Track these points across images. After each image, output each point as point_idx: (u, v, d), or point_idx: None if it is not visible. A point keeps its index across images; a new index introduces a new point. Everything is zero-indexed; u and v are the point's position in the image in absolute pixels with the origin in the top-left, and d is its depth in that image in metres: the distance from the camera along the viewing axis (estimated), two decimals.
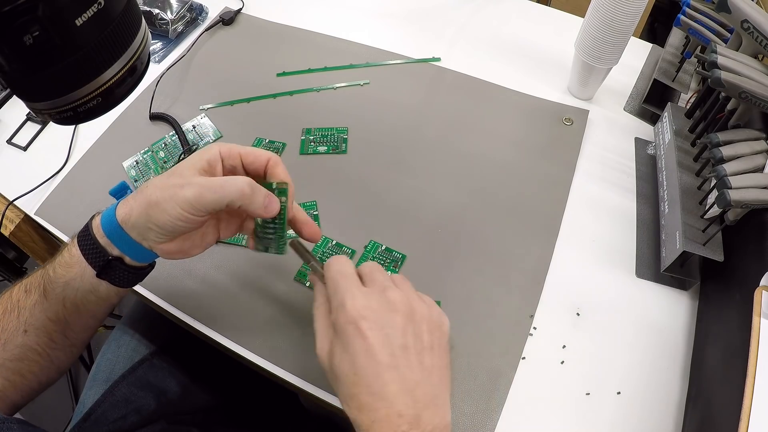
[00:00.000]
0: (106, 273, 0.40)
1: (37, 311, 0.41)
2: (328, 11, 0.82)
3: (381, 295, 0.36)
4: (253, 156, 0.41)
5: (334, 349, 0.36)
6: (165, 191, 0.37)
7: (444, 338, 0.38)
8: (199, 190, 0.37)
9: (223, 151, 0.40)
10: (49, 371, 0.44)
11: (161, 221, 0.37)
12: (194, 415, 0.58)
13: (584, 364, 0.49)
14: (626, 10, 0.56)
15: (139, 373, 0.58)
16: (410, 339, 0.36)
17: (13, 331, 0.41)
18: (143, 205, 0.38)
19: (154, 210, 0.37)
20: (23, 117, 0.69)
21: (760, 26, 0.46)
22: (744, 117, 0.50)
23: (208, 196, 0.37)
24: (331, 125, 0.66)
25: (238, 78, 0.72)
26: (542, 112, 0.68)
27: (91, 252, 0.39)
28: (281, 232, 0.42)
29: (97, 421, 0.54)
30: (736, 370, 0.39)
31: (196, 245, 0.42)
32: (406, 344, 0.35)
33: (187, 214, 0.37)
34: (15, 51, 0.28)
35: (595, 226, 0.58)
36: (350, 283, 0.37)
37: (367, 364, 0.34)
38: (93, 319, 0.44)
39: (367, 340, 0.34)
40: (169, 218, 0.37)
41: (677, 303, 0.53)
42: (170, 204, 0.37)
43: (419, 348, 0.36)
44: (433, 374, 0.36)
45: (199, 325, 0.51)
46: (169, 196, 0.37)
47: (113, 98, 0.34)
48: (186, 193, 0.37)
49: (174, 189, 0.37)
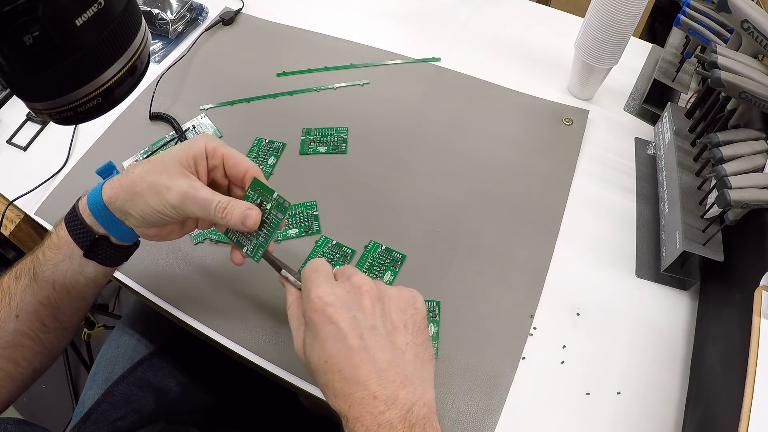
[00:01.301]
0: (93, 252, 0.41)
1: (27, 296, 0.42)
2: (328, 11, 0.82)
3: (347, 282, 0.37)
4: (234, 162, 0.42)
5: (306, 341, 0.37)
6: (151, 188, 0.39)
7: (418, 315, 0.37)
8: (184, 199, 0.39)
9: (209, 148, 0.41)
10: (42, 356, 0.44)
11: (144, 212, 0.39)
12: (194, 415, 0.58)
13: (584, 364, 0.49)
14: (626, 10, 0.56)
15: (138, 373, 0.58)
16: (378, 320, 0.36)
17: (4, 317, 0.41)
18: (128, 192, 0.39)
19: (136, 200, 0.39)
20: (23, 117, 0.69)
21: (760, 26, 0.46)
22: (744, 117, 0.50)
23: (191, 207, 0.39)
24: (331, 125, 0.66)
25: (238, 78, 0.72)
26: (542, 112, 0.68)
27: (78, 232, 0.41)
28: (263, 240, 0.41)
29: (97, 421, 0.54)
30: (736, 370, 0.39)
31: (175, 233, 0.44)
32: (374, 324, 0.35)
33: (169, 212, 0.39)
34: (15, 51, 0.28)
35: (595, 226, 0.58)
36: (318, 276, 0.38)
37: (337, 349, 0.34)
38: (83, 301, 0.45)
39: (335, 325, 0.35)
40: (152, 211, 0.39)
41: (677, 303, 0.53)
42: (153, 199, 0.39)
43: (389, 327, 0.36)
44: (406, 352, 0.35)
45: (198, 325, 0.51)
46: (154, 193, 0.38)
47: (113, 98, 0.34)
48: (170, 198, 0.38)
49: (159, 188, 0.39)
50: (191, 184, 0.39)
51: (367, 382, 0.33)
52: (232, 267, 0.55)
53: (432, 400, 0.35)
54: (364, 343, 0.34)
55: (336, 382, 0.34)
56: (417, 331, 0.37)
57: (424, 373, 0.36)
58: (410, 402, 0.33)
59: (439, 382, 0.47)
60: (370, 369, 0.33)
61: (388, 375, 0.33)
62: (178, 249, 0.56)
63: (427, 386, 0.35)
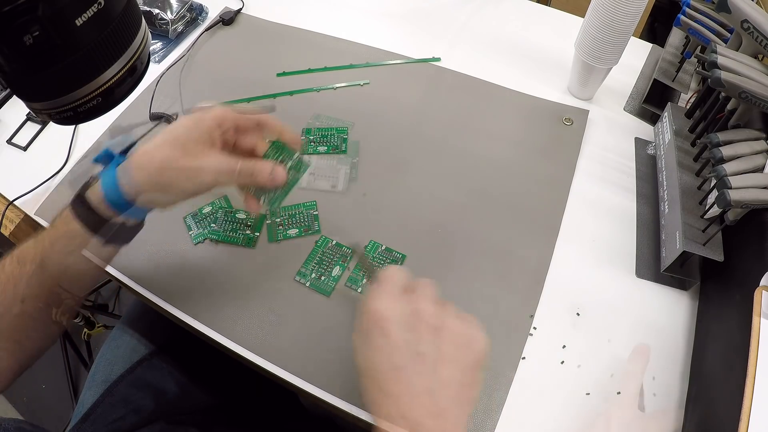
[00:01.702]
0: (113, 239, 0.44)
1: (33, 281, 0.42)
2: (328, 11, 0.82)
3: (410, 304, 0.37)
4: (244, 123, 0.46)
5: (356, 342, 0.38)
6: (182, 174, 0.41)
7: (472, 356, 0.37)
8: (217, 176, 0.42)
9: (219, 119, 0.44)
10: (45, 336, 0.45)
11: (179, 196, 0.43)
12: (193, 415, 0.58)
13: (584, 364, 0.49)
14: (626, 10, 0.56)
15: (137, 373, 0.58)
16: (430, 348, 0.35)
17: (9, 301, 0.42)
18: (159, 184, 0.42)
19: (172, 188, 0.42)
20: (23, 117, 0.69)
21: (760, 26, 0.46)
22: (744, 117, 0.50)
23: (223, 179, 0.42)
24: (331, 125, 0.66)
25: (238, 78, 0.72)
26: (542, 112, 0.68)
27: (96, 224, 0.42)
28: (281, 195, 0.45)
29: (96, 421, 0.54)
30: (736, 370, 0.39)
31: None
32: (423, 352, 0.35)
33: (204, 189, 0.43)
34: (15, 51, 0.28)
35: (595, 226, 0.58)
36: (389, 287, 0.38)
37: (381, 361, 0.35)
38: (92, 280, 0.47)
39: (386, 339, 0.35)
40: (188, 194, 0.42)
41: (677, 303, 0.53)
42: (189, 184, 0.42)
43: (438, 358, 0.35)
44: (449, 387, 0.35)
45: (198, 324, 0.51)
46: (187, 178, 0.42)
47: (113, 98, 0.34)
48: (206, 179, 0.42)
49: (192, 172, 0.41)
50: (219, 160, 0.42)
51: (399, 401, 0.34)
52: (231, 267, 0.55)
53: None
54: (407, 364, 0.35)
55: (374, 391, 0.35)
56: (466, 371, 0.36)
57: (461, 413, 0.35)
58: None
59: None
60: (404, 390, 0.34)
61: (422, 401, 0.34)
62: (178, 249, 0.56)
63: (458, 426, 0.35)
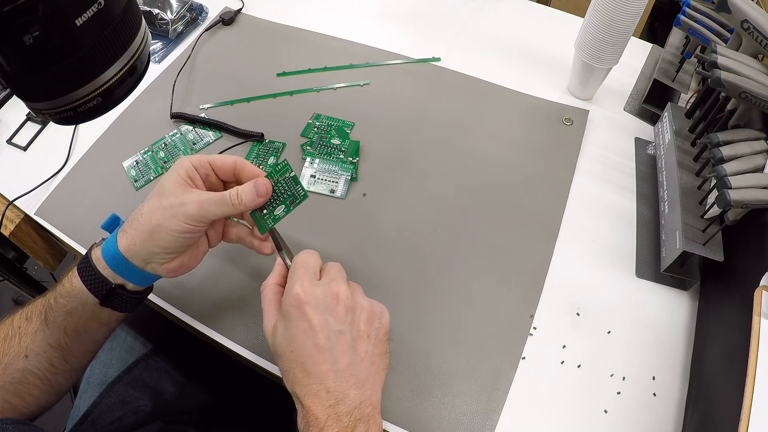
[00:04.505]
0: (109, 301, 0.42)
1: (38, 338, 0.42)
2: (328, 11, 0.82)
3: (327, 287, 0.40)
4: (220, 161, 0.44)
5: (278, 327, 0.40)
6: (166, 213, 0.40)
7: (381, 329, 0.41)
8: (200, 205, 0.40)
9: (194, 162, 0.43)
10: (49, 395, 0.45)
11: (166, 241, 0.40)
12: (191, 414, 0.58)
13: (584, 364, 0.49)
14: (626, 10, 0.56)
15: (134, 373, 0.58)
16: (347, 326, 0.39)
17: (14, 355, 0.42)
18: (146, 231, 0.40)
19: (157, 232, 0.40)
20: (23, 117, 0.69)
21: (760, 26, 0.46)
22: (744, 117, 0.50)
23: (211, 209, 0.41)
24: (332, 125, 0.66)
25: (238, 78, 0.72)
26: (542, 112, 0.68)
27: (94, 283, 0.42)
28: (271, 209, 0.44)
29: (94, 423, 0.54)
30: (736, 370, 0.39)
31: (195, 257, 0.45)
32: (342, 330, 0.39)
33: (190, 227, 0.40)
34: (15, 51, 0.28)
35: (595, 226, 0.58)
36: (305, 272, 0.41)
37: (305, 344, 0.38)
38: (94, 344, 0.46)
39: (308, 322, 0.38)
40: (174, 235, 0.40)
41: (677, 303, 0.53)
42: (173, 222, 0.40)
43: (354, 335, 0.39)
44: (365, 360, 0.39)
45: (195, 323, 0.51)
46: (172, 215, 0.40)
47: (113, 98, 0.34)
48: (189, 210, 0.40)
49: (174, 209, 0.40)
50: (200, 192, 0.42)
51: (325, 377, 0.37)
52: (228, 265, 0.55)
53: (378, 402, 0.39)
54: (330, 344, 0.38)
55: (297, 371, 0.38)
56: (377, 343, 0.40)
57: (377, 380, 0.40)
58: (359, 400, 0.37)
59: (439, 382, 0.47)
60: (329, 367, 0.37)
61: (344, 375, 0.37)
62: None
63: (376, 390, 0.39)
